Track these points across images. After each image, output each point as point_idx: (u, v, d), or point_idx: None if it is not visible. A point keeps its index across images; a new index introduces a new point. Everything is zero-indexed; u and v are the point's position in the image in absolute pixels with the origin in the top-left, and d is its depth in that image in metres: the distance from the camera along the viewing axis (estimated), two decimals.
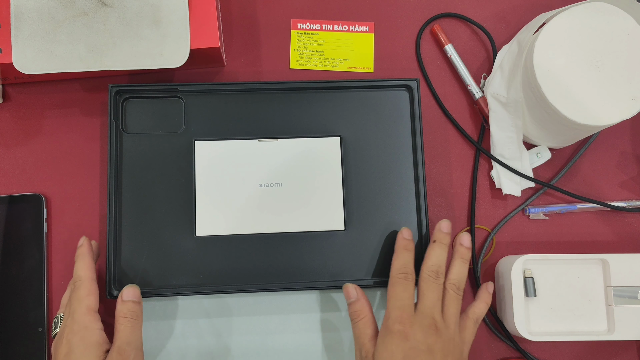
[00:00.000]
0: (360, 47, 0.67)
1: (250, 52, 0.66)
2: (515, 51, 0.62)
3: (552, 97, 0.56)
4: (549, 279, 0.59)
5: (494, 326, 0.62)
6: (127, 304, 0.52)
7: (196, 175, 0.58)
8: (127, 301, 0.53)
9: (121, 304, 0.53)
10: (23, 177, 0.63)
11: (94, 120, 0.64)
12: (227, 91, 0.60)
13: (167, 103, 0.60)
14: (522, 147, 0.63)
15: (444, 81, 0.67)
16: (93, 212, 0.62)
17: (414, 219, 0.58)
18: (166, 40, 0.57)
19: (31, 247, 0.60)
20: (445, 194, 0.65)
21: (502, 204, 0.65)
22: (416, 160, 0.59)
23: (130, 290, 0.54)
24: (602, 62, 0.57)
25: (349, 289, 0.55)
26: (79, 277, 0.53)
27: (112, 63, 0.57)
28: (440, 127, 0.66)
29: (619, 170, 0.66)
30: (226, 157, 0.58)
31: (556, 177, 0.65)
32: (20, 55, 0.57)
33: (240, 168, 0.58)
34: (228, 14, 0.66)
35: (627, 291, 0.58)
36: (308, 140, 0.59)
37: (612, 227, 0.65)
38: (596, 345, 0.62)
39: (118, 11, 0.57)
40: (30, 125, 0.64)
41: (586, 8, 0.58)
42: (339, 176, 0.59)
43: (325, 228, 0.58)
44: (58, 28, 0.57)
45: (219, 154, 0.58)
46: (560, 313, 0.59)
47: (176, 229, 0.57)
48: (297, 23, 0.67)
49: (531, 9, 0.68)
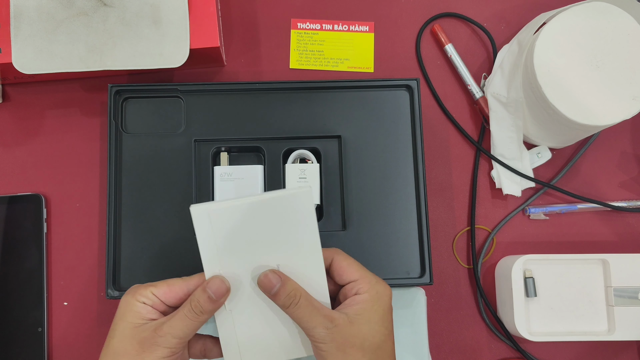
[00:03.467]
0: (360, 47, 0.67)
1: (250, 52, 0.66)
2: (516, 51, 0.62)
3: (552, 97, 0.56)
4: (549, 279, 0.59)
5: (494, 326, 0.62)
6: (201, 296, 0.44)
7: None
8: (204, 292, 0.44)
9: (199, 291, 0.45)
10: (23, 177, 0.63)
11: (94, 120, 0.64)
12: (227, 91, 0.60)
13: (167, 103, 0.59)
14: (522, 147, 0.63)
15: (444, 81, 0.66)
16: (93, 212, 0.62)
17: (414, 219, 0.58)
18: (166, 40, 0.57)
19: (31, 247, 0.60)
20: (445, 194, 0.64)
21: (502, 204, 0.65)
22: (416, 160, 0.59)
23: (216, 283, 0.45)
24: (602, 62, 0.57)
25: (270, 277, 0.45)
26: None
27: (112, 63, 0.57)
28: (440, 127, 0.66)
29: (619, 170, 0.65)
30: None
31: (556, 177, 0.65)
32: (20, 55, 0.56)
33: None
34: (228, 14, 0.66)
35: (627, 291, 0.58)
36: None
37: (612, 227, 0.65)
38: (596, 346, 0.62)
39: (118, 11, 0.57)
40: (30, 125, 0.64)
41: (586, 8, 0.58)
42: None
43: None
44: (58, 28, 0.57)
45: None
46: (561, 313, 0.59)
47: (176, 229, 0.57)
48: (297, 23, 0.67)
49: (531, 8, 0.68)
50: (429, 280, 0.57)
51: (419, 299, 0.59)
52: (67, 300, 0.61)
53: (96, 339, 0.60)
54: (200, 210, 0.44)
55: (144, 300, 0.45)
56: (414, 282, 0.57)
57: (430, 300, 0.62)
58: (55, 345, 0.60)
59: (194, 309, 0.44)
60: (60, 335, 0.60)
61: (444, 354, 0.62)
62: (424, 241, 0.58)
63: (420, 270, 0.58)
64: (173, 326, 0.43)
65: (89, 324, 0.61)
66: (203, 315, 0.44)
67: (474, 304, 0.63)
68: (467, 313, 0.63)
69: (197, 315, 0.44)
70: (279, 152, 0.59)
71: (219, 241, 0.45)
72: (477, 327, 0.63)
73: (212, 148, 0.59)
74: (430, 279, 0.57)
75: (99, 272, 0.61)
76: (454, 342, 0.62)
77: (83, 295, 0.61)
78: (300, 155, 0.60)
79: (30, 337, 0.59)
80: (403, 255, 0.58)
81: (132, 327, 0.44)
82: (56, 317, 0.60)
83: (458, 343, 0.62)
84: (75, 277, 0.61)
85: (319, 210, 0.59)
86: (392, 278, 0.57)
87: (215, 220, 0.44)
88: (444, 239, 0.64)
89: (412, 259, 0.58)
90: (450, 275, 0.63)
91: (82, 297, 0.61)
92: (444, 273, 0.63)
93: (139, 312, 0.44)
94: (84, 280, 0.61)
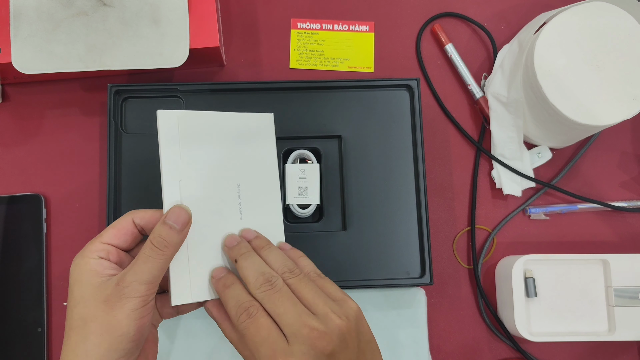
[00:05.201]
0: (361, 46, 0.66)
1: (250, 51, 0.66)
2: (516, 51, 0.62)
3: (552, 96, 0.56)
4: (550, 279, 0.59)
5: (494, 326, 0.62)
6: (162, 229, 0.41)
7: None
8: (165, 225, 0.41)
9: (159, 225, 0.41)
10: (22, 177, 0.63)
11: (94, 120, 0.64)
12: (226, 91, 0.60)
13: (167, 103, 0.59)
14: (522, 147, 0.63)
15: (444, 81, 0.66)
16: (92, 212, 0.62)
17: (414, 219, 0.58)
18: (166, 40, 0.57)
19: (30, 247, 0.60)
20: (445, 194, 0.64)
21: (502, 204, 0.65)
22: (416, 160, 0.59)
23: (175, 212, 0.42)
24: (602, 62, 0.57)
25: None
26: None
27: (112, 63, 0.57)
28: (440, 127, 0.66)
29: (619, 170, 0.65)
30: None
31: (557, 177, 0.65)
32: (20, 55, 0.56)
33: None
34: (228, 14, 0.66)
35: (627, 291, 0.58)
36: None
37: (612, 227, 0.64)
38: (597, 346, 0.62)
39: (117, 10, 0.57)
40: (29, 125, 0.64)
41: (587, 8, 0.58)
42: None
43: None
44: (57, 28, 0.57)
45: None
46: (561, 313, 0.59)
47: None
48: (297, 22, 0.67)
49: (532, 8, 0.67)
50: (429, 280, 0.57)
51: (419, 299, 0.59)
52: (67, 301, 0.61)
53: None
54: (169, 114, 0.43)
55: (96, 254, 0.41)
56: (414, 282, 0.57)
57: (431, 301, 0.62)
58: (55, 345, 0.60)
59: (157, 244, 0.40)
60: (60, 335, 0.60)
61: (444, 354, 0.62)
62: (424, 241, 0.58)
63: (420, 270, 0.58)
64: (137, 271, 0.40)
65: None
66: (167, 249, 0.40)
67: (474, 304, 0.63)
68: (468, 313, 0.63)
69: (160, 251, 0.40)
70: (279, 152, 0.59)
71: (182, 152, 0.43)
72: (477, 328, 0.62)
73: None
74: (431, 279, 0.57)
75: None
76: (454, 343, 0.62)
77: None
78: (300, 155, 0.59)
79: (30, 337, 0.59)
80: (403, 255, 0.58)
81: (92, 288, 0.40)
82: (56, 317, 0.60)
83: (458, 343, 0.62)
84: None
85: (319, 210, 0.59)
86: (392, 278, 0.57)
87: (183, 128, 0.43)
88: (444, 239, 0.64)
89: (412, 259, 0.58)
90: (451, 275, 0.63)
91: None
92: (444, 273, 0.63)
93: (95, 270, 0.40)
94: None
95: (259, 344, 0.40)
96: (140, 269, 0.40)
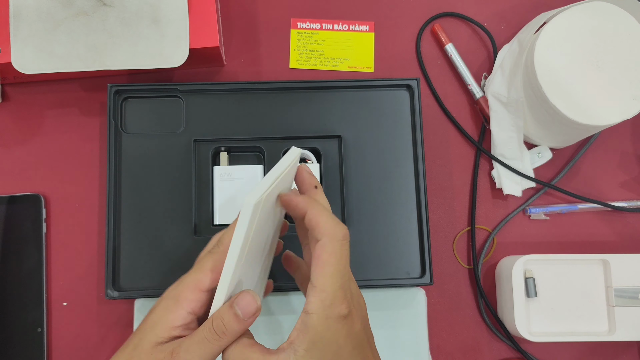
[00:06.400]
0: (361, 46, 0.66)
1: (250, 51, 0.66)
2: (516, 51, 0.62)
3: (553, 96, 0.56)
4: (550, 280, 0.59)
5: (494, 326, 0.62)
6: (227, 314, 0.37)
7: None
8: (231, 310, 0.37)
9: (225, 308, 0.38)
10: (22, 177, 0.63)
11: (93, 120, 0.64)
12: (226, 91, 0.60)
13: (167, 103, 0.59)
14: (522, 147, 0.63)
15: (444, 81, 0.66)
16: (92, 212, 0.62)
17: (414, 219, 0.58)
18: (165, 40, 0.57)
19: (30, 247, 0.60)
20: (445, 194, 0.64)
21: (502, 204, 0.64)
22: (416, 160, 0.59)
23: (245, 299, 0.38)
24: (602, 62, 0.57)
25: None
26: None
27: (112, 63, 0.57)
28: (440, 127, 0.66)
29: (619, 170, 0.65)
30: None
31: (557, 177, 0.65)
32: (19, 55, 0.56)
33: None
34: (228, 14, 0.66)
35: (628, 291, 0.58)
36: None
37: (613, 228, 0.64)
38: (597, 346, 0.62)
39: (117, 10, 0.57)
40: (29, 125, 0.64)
41: (587, 8, 0.58)
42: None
43: None
44: (57, 28, 0.57)
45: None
46: (561, 313, 0.59)
47: (176, 229, 0.57)
48: (297, 22, 0.67)
49: (532, 8, 0.67)
50: (429, 280, 0.57)
51: (419, 299, 0.59)
52: (67, 301, 0.61)
53: (96, 339, 0.60)
54: (257, 198, 0.35)
55: (188, 308, 0.38)
56: (414, 282, 0.57)
57: (431, 301, 0.62)
58: (55, 345, 0.60)
59: (216, 328, 0.37)
60: (60, 335, 0.60)
61: (444, 354, 0.62)
62: (424, 241, 0.58)
63: (420, 270, 0.58)
64: (190, 351, 0.37)
65: (89, 324, 0.60)
66: (225, 337, 0.37)
67: (474, 304, 0.63)
68: (468, 313, 0.63)
69: (218, 337, 0.37)
70: (279, 152, 0.59)
71: (251, 233, 0.36)
72: (477, 328, 0.62)
73: (212, 148, 0.59)
74: (431, 279, 0.57)
75: (99, 272, 0.61)
76: (454, 343, 0.62)
77: (82, 295, 0.61)
78: (300, 155, 0.59)
79: (30, 338, 0.59)
80: (403, 255, 0.58)
81: (153, 345, 0.38)
82: (56, 318, 0.60)
83: (458, 343, 0.62)
84: (74, 277, 0.61)
85: None
86: (392, 278, 0.57)
87: (261, 209, 0.37)
88: (444, 239, 0.64)
89: (412, 259, 0.58)
90: (451, 275, 0.63)
91: (82, 298, 0.61)
92: (444, 273, 0.63)
93: (172, 325, 0.38)
94: (83, 280, 0.61)
95: None
96: (193, 349, 0.37)
